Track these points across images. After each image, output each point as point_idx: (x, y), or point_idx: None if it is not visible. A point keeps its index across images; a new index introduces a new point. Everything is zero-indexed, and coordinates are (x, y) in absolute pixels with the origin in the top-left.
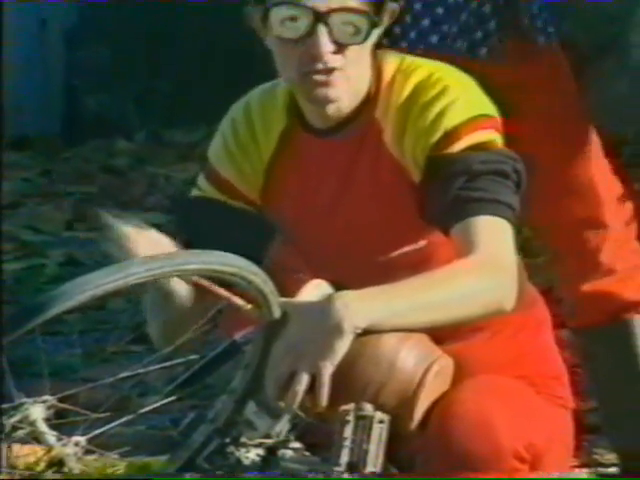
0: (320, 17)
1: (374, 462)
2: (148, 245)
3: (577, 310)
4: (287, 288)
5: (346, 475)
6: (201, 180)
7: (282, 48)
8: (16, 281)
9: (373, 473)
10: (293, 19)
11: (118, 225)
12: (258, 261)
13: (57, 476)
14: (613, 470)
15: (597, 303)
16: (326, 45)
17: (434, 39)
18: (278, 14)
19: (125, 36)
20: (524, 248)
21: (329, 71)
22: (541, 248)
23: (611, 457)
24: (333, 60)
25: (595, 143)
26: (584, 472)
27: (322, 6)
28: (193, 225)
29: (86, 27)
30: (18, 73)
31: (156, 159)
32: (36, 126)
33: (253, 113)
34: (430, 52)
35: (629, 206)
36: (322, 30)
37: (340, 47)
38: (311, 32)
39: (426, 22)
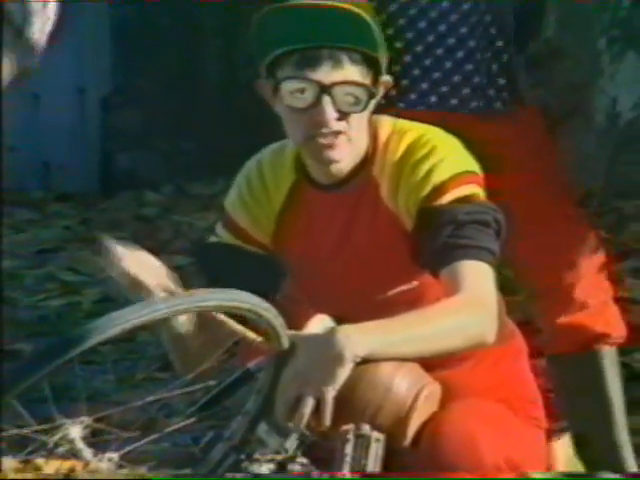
0: (325, 89)
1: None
2: (136, 263)
3: (553, 340)
4: (295, 320)
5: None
6: (219, 228)
7: (291, 115)
8: (57, 316)
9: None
10: (301, 91)
11: (112, 246)
12: (269, 297)
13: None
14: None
15: (571, 334)
16: (330, 113)
17: (433, 99)
18: (288, 87)
19: (154, 102)
20: (504, 287)
21: (333, 135)
22: (520, 286)
23: (579, 467)
24: (336, 126)
25: (566, 194)
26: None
27: (326, 80)
28: (212, 267)
29: (119, 95)
30: (60, 135)
31: (180, 209)
32: (76, 181)
33: (265, 169)
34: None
35: (598, 250)
36: (327, 100)
37: (342, 114)
38: (317, 102)
39: (425, 85)
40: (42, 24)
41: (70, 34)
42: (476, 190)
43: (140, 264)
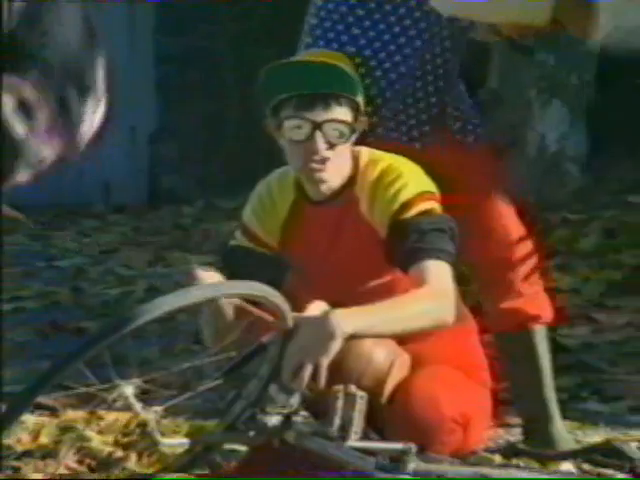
0: (317, 126)
1: (357, 425)
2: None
3: (497, 321)
4: (298, 304)
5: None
6: (237, 234)
7: (291, 146)
8: (115, 302)
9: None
10: (299, 127)
11: (197, 270)
12: (277, 287)
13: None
14: (517, 429)
15: (511, 317)
16: (321, 145)
17: (394, 135)
18: (288, 124)
19: (189, 137)
20: (460, 279)
21: (323, 162)
22: (472, 279)
23: (516, 420)
24: (326, 154)
25: (510, 207)
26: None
27: (318, 118)
28: (233, 264)
29: (162, 132)
30: (118, 162)
31: (209, 219)
32: (129, 197)
33: (273, 188)
34: (391, 143)
35: (532, 251)
36: (319, 135)
37: (330, 145)
38: (311, 136)
39: (392, 124)
40: (91, 122)
41: (124, 85)
42: (434, 205)
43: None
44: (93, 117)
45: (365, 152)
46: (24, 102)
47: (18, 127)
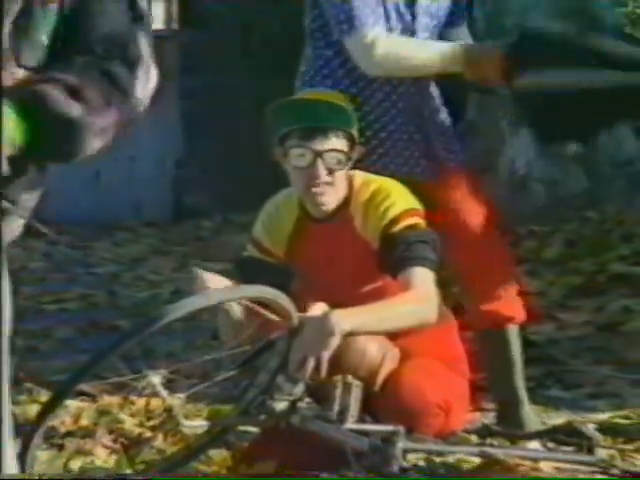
0: (318, 154)
1: (353, 410)
2: (215, 283)
3: (476, 320)
4: (302, 306)
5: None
6: (249, 246)
7: (295, 172)
8: (144, 303)
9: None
10: (302, 155)
11: (200, 272)
12: (284, 291)
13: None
14: (492, 413)
15: (488, 317)
16: (322, 171)
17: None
18: (293, 152)
19: (208, 163)
20: (442, 283)
21: (323, 186)
22: (454, 283)
23: (491, 405)
24: (325, 179)
25: (486, 221)
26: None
27: (319, 148)
28: (245, 271)
29: (187, 157)
30: (147, 183)
31: (226, 232)
32: (157, 214)
33: (279, 207)
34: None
35: (507, 259)
36: (319, 162)
37: (330, 171)
38: (313, 163)
39: (380, 150)
40: (144, 87)
41: (154, 118)
42: (418, 220)
43: (218, 284)
44: (146, 83)
45: (358, 175)
46: (72, 89)
47: (73, 110)
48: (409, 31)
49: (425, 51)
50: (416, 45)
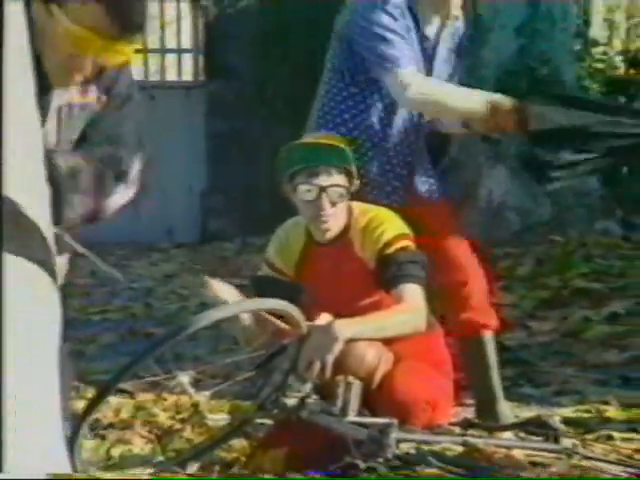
0: (323, 190)
1: (353, 405)
2: (227, 293)
3: (457, 329)
4: (310, 316)
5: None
6: (263, 266)
7: (303, 205)
8: (175, 314)
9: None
10: (309, 190)
11: (211, 282)
12: (294, 304)
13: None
14: (472, 408)
15: (467, 325)
16: (326, 204)
17: (379, 194)
18: (301, 188)
19: (230, 194)
20: (430, 297)
21: (327, 216)
22: (439, 297)
23: (471, 401)
24: (329, 211)
25: (466, 244)
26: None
27: (324, 184)
28: (260, 287)
29: (212, 189)
30: (178, 212)
31: (245, 253)
32: (186, 237)
33: (289, 232)
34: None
35: (484, 276)
36: (324, 196)
37: (333, 204)
38: (318, 198)
39: (374, 183)
40: (138, 170)
41: (183, 154)
42: (409, 243)
43: (223, 289)
44: (119, 198)
45: (356, 205)
46: (74, 169)
47: (69, 184)
48: (429, 73)
49: (456, 95)
50: (449, 89)
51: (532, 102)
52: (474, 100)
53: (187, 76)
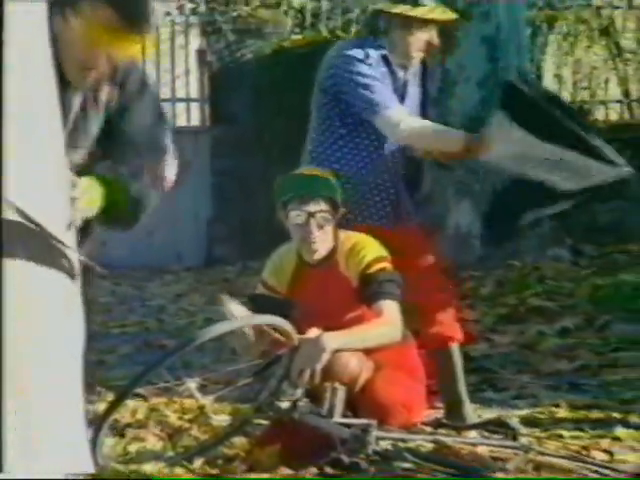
0: (311, 215)
1: (339, 408)
2: (237, 310)
3: (427, 341)
4: (301, 330)
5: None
6: (259, 285)
7: (294, 228)
8: (184, 328)
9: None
10: (299, 215)
11: (225, 299)
12: (287, 319)
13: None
14: (441, 410)
15: (436, 338)
16: (314, 228)
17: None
18: (292, 214)
19: (232, 222)
20: (404, 313)
21: (314, 239)
22: (411, 313)
23: (440, 404)
24: (316, 233)
25: (436, 266)
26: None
27: (312, 210)
28: (257, 304)
29: (216, 219)
30: (185, 238)
31: (244, 274)
32: (194, 261)
33: (282, 256)
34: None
35: (451, 295)
36: (312, 221)
37: (320, 227)
38: (307, 222)
39: (366, 210)
40: (170, 170)
41: (191, 189)
42: (387, 265)
43: (234, 306)
44: (171, 169)
45: (341, 232)
46: (133, 173)
47: (139, 188)
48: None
49: (438, 132)
50: (432, 126)
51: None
52: (454, 136)
53: (195, 122)
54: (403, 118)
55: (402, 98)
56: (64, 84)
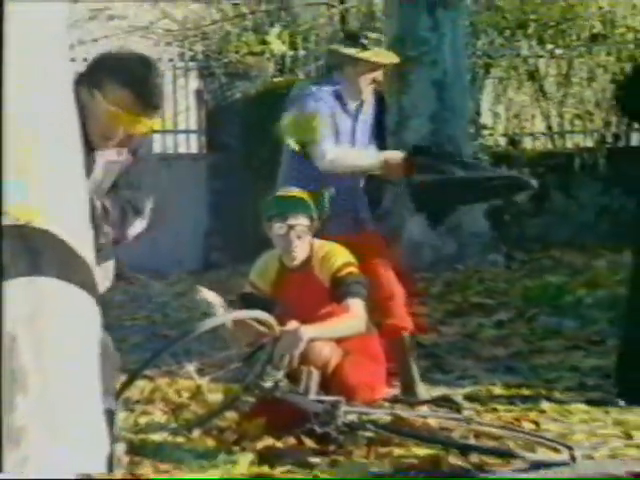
0: (291, 227)
1: (314, 387)
2: (211, 296)
3: (384, 331)
4: (282, 323)
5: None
6: (247, 285)
7: (276, 238)
8: (185, 321)
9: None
10: (281, 227)
11: (200, 288)
12: (270, 313)
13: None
14: (398, 388)
15: (391, 328)
16: (294, 239)
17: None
18: (276, 226)
19: (227, 235)
20: (368, 307)
21: (294, 248)
22: (373, 307)
23: (398, 384)
24: (296, 243)
25: (392, 269)
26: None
27: (292, 223)
28: (245, 301)
29: (212, 232)
30: (185, 248)
31: (235, 277)
32: (193, 266)
33: (267, 261)
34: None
35: (405, 293)
36: (292, 233)
37: (298, 238)
38: (287, 233)
39: (335, 221)
40: (150, 208)
41: (193, 210)
42: (353, 269)
43: (208, 293)
44: (136, 229)
45: (316, 241)
46: (106, 209)
47: (103, 219)
48: (353, 140)
49: (360, 158)
50: (352, 152)
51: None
52: (370, 158)
53: (194, 150)
54: (330, 150)
55: (354, 125)
56: (87, 145)
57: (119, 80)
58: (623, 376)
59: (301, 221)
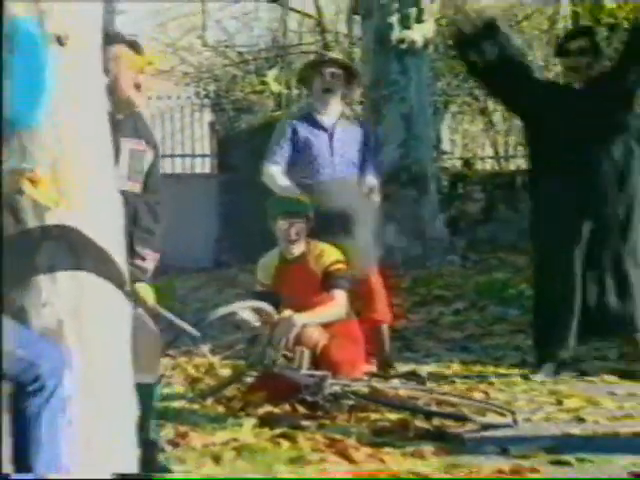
0: (291, 224)
1: (306, 364)
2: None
3: (364, 320)
4: (280, 311)
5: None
6: (257, 285)
7: (279, 234)
8: (198, 311)
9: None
10: (283, 224)
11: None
12: (274, 304)
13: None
14: (374, 365)
15: (371, 319)
16: (293, 233)
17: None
18: (279, 223)
19: (234, 240)
20: (352, 298)
21: (294, 242)
22: (356, 299)
23: (374, 362)
24: (294, 237)
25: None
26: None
27: (292, 221)
28: (257, 298)
29: (222, 238)
30: (203, 250)
31: (242, 273)
32: (206, 265)
33: (268, 258)
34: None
35: (383, 288)
36: (292, 229)
37: (297, 234)
38: (289, 229)
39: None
40: (160, 235)
41: (206, 220)
42: (342, 266)
43: (249, 316)
44: (151, 251)
45: (311, 240)
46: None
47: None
48: (330, 164)
49: (279, 186)
50: (277, 180)
51: None
52: (284, 187)
53: (207, 170)
54: (269, 172)
55: (330, 139)
56: (115, 134)
57: (119, 42)
58: (537, 330)
59: (300, 219)
